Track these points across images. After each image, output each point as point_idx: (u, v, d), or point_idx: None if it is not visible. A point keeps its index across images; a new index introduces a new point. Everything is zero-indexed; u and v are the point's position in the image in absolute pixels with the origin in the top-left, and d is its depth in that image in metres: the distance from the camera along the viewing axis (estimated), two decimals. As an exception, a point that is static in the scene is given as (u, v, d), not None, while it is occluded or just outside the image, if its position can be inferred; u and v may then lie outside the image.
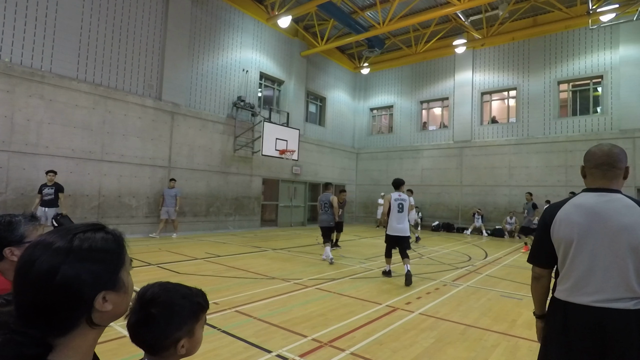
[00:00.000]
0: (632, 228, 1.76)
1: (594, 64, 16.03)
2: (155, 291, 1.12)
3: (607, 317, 1.75)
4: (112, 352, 3.56)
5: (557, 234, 1.91)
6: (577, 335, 1.81)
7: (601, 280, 1.79)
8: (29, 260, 0.79)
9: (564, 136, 16.40)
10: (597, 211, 1.85)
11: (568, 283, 1.88)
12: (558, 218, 1.93)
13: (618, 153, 1.93)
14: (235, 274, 7.39)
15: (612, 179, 1.92)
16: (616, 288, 1.77)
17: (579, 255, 1.85)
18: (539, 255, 2.04)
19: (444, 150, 19.84)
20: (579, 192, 2.02)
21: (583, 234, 1.84)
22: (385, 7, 16.93)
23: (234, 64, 16.02)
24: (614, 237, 1.78)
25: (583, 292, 1.82)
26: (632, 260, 1.76)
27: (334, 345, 4.01)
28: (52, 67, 10.62)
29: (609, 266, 1.79)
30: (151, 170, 12.84)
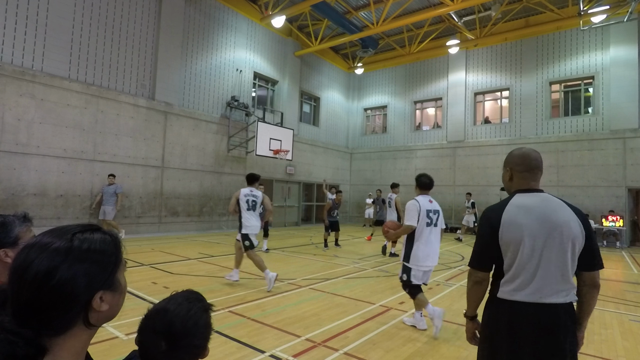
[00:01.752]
0: (568, 224, 1.90)
1: (585, 65, 16.18)
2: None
3: (548, 310, 1.87)
4: (104, 352, 3.53)
5: (506, 236, 1.94)
6: (524, 331, 1.88)
7: (545, 277, 1.89)
8: (25, 261, 0.79)
9: (555, 136, 16.54)
10: (538, 211, 1.94)
11: (515, 283, 1.93)
12: (504, 221, 1.95)
13: (540, 157, 2.11)
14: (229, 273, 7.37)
15: (539, 180, 2.08)
16: (556, 282, 1.89)
17: (527, 255, 1.91)
18: (484, 260, 2.03)
19: (437, 150, 19.92)
20: (513, 193, 2.09)
21: (529, 234, 1.90)
22: (378, 8, 16.97)
23: (227, 64, 15.97)
24: (555, 234, 1.89)
25: (529, 290, 1.89)
26: (570, 255, 1.90)
27: (328, 345, 4.01)
28: (43, 67, 10.52)
29: (552, 263, 1.89)
30: (144, 170, 12.76)
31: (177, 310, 1.06)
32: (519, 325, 1.89)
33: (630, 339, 4.58)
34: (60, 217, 10.58)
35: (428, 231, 4.55)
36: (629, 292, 7.12)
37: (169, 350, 1.02)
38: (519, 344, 1.89)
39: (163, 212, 13.33)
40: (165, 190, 13.39)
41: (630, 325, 5.09)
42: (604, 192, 15.24)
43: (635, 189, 15.17)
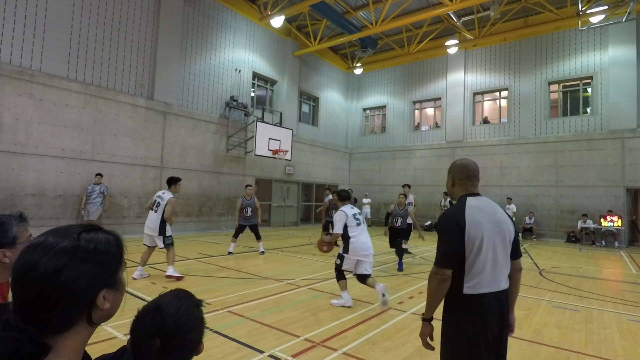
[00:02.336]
0: (506, 221, 2.26)
1: (583, 65, 16.20)
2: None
3: (502, 296, 2.17)
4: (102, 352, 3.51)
5: (472, 233, 2.12)
6: (489, 315, 2.10)
7: (497, 267, 2.16)
8: (31, 260, 0.80)
9: (554, 136, 16.56)
10: (487, 211, 2.23)
11: (479, 277, 2.11)
12: (468, 220, 2.14)
13: (477, 167, 2.42)
14: (227, 274, 7.37)
15: (477, 186, 2.38)
16: (504, 271, 2.21)
17: (485, 249, 2.12)
18: (453, 258, 2.13)
19: (436, 150, 19.94)
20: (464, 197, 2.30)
21: (486, 231, 2.14)
22: (378, 8, 16.98)
23: (226, 64, 15.96)
24: (500, 231, 2.20)
25: (489, 281, 2.12)
26: (508, 246, 2.24)
27: (327, 345, 4.01)
28: (41, 66, 10.50)
29: (500, 254, 2.18)
30: (143, 170, 12.75)
31: (168, 307, 1.05)
32: (486, 312, 2.09)
33: (629, 338, 4.59)
34: (59, 217, 10.56)
35: (359, 230, 5.64)
36: (627, 292, 7.13)
37: (164, 348, 1.01)
38: (488, 327, 2.09)
39: (162, 212, 13.29)
40: (164, 190, 13.35)
41: (629, 325, 5.10)
42: (602, 192, 15.27)
43: (634, 189, 15.19)
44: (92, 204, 10.66)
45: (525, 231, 16.58)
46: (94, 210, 10.68)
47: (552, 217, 16.36)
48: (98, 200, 10.73)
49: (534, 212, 16.54)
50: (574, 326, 4.96)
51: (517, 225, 16.69)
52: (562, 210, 16.13)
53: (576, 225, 15.46)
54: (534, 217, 16.41)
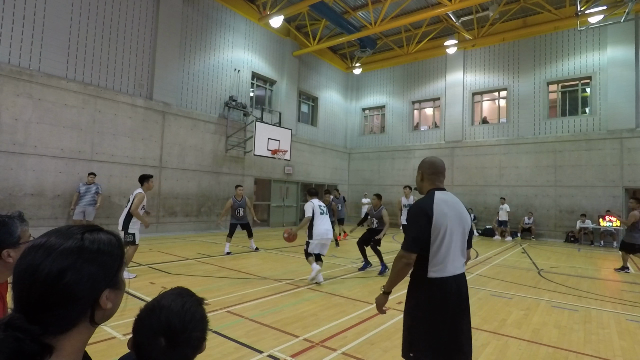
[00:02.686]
0: (466, 214, 2.58)
1: (582, 65, 16.23)
2: None
3: (460, 280, 2.46)
4: (102, 352, 3.53)
5: (438, 223, 2.38)
6: (449, 297, 2.37)
7: (456, 254, 2.44)
8: (34, 262, 0.81)
9: (553, 136, 16.58)
10: (451, 204, 2.51)
11: (442, 263, 2.39)
12: (436, 211, 2.41)
13: (444, 164, 2.75)
14: (226, 274, 7.37)
15: (443, 181, 2.67)
16: (462, 259, 2.49)
17: (448, 238, 2.40)
18: (419, 244, 2.39)
19: (435, 150, 19.94)
20: (432, 191, 2.56)
21: (449, 221, 2.41)
22: (377, 8, 16.98)
23: (225, 64, 15.95)
24: (461, 221, 2.49)
25: (450, 266, 2.40)
26: (466, 236, 2.54)
27: (326, 345, 4.01)
28: (40, 66, 10.48)
29: (459, 243, 2.46)
30: (141, 170, 12.71)
31: (172, 306, 1.05)
32: (447, 295, 2.37)
33: (627, 338, 4.59)
34: (58, 217, 10.55)
35: (321, 218, 6.96)
36: (626, 292, 7.14)
37: (169, 347, 1.01)
38: (449, 308, 2.36)
39: (161, 212, 13.31)
40: (163, 190, 13.36)
41: (628, 325, 5.11)
42: (601, 192, 15.29)
43: (632, 189, 15.20)
44: (87, 204, 10.44)
45: (524, 231, 16.60)
46: (91, 211, 10.54)
47: (550, 217, 16.38)
48: (93, 200, 10.54)
49: (532, 212, 16.56)
50: (572, 326, 4.97)
51: (516, 225, 16.75)
52: (560, 210, 16.16)
53: (575, 225, 15.48)
54: (532, 217, 16.43)
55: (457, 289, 2.42)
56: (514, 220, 17.00)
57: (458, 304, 2.41)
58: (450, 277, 2.40)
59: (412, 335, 2.42)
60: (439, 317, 2.35)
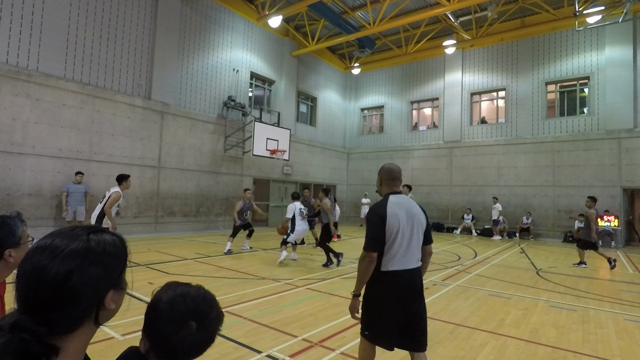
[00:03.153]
0: (419, 215, 2.86)
1: (580, 65, 16.26)
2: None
3: (414, 273, 2.80)
4: (100, 353, 3.52)
5: (391, 224, 2.72)
6: (401, 288, 2.74)
7: (410, 251, 2.77)
8: (40, 264, 0.81)
9: (551, 137, 16.61)
10: (404, 206, 2.82)
11: (395, 258, 2.73)
12: (389, 213, 2.75)
13: (400, 170, 3.06)
14: (225, 274, 7.37)
15: (399, 186, 3.02)
16: (416, 254, 2.82)
17: (400, 236, 2.73)
18: (378, 243, 2.73)
19: (434, 150, 19.97)
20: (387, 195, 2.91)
21: (402, 222, 2.74)
22: (375, 8, 16.99)
23: (224, 64, 15.94)
24: (414, 222, 2.80)
25: (402, 262, 2.74)
26: (420, 235, 2.84)
27: (324, 345, 4.02)
28: (38, 66, 10.46)
29: (413, 241, 2.79)
30: (140, 170, 12.72)
31: (191, 292, 1.10)
32: (400, 286, 2.74)
33: (625, 338, 4.60)
34: (56, 217, 10.52)
35: (299, 220, 8.59)
36: (624, 292, 7.16)
37: (200, 328, 1.04)
38: (400, 297, 2.73)
39: (160, 212, 13.29)
40: (161, 190, 13.35)
41: (626, 325, 5.12)
42: (599, 192, 15.31)
43: (630, 189, 15.25)
44: (78, 204, 10.31)
45: (523, 231, 16.63)
46: (82, 211, 10.41)
47: (549, 217, 16.40)
48: (82, 200, 10.42)
49: (531, 212, 16.58)
50: (571, 326, 4.98)
51: (514, 225, 16.78)
52: (559, 210, 16.18)
53: (573, 225, 15.50)
54: (531, 217, 16.45)
55: (410, 281, 2.77)
56: (512, 220, 17.04)
57: (410, 294, 2.76)
58: (403, 270, 2.75)
59: (369, 317, 2.81)
60: (391, 305, 2.74)
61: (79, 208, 10.38)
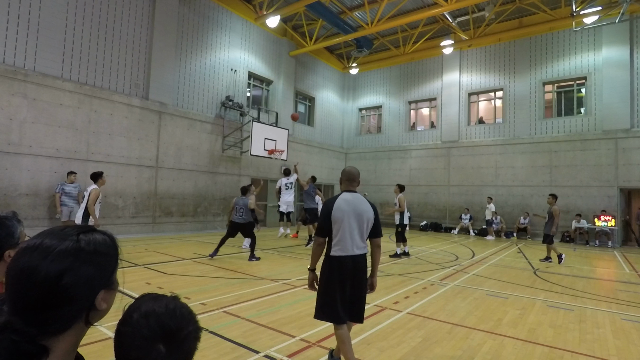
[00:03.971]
0: (367, 210, 3.38)
1: (577, 66, 16.31)
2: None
3: (358, 259, 3.35)
4: (96, 354, 3.51)
5: (335, 216, 3.30)
6: (345, 270, 3.29)
7: (354, 240, 3.31)
8: (30, 264, 0.80)
9: (548, 137, 16.65)
10: (352, 203, 3.36)
11: (339, 245, 3.30)
12: (335, 207, 3.32)
13: (358, 173, 3.61)
14: (223, 274, 7.35)
15: (355, 186, 3.54)
16: (361, 244, 3.35)
17: (344, 227, 3.28)
18: (324, 230, 3.35)
19: (432, 150, 19.99)
20: (341, 192, 3.49)
21: (346, 215, 3.29)
22: (373, 8, 17.00)
23: (222, 64, 15.92)
24: (360, 216, 3.33)
25: (347, 248, 3.29)
26: (365, 228, 3.35)
27: (322, 345, 4.01)
28: (35, 66, 10.43)
29: (357, 232, 3.32)
30: (138, 170, 12.70)
31: (156, 309, 0.96)
32: (344, 268, 3.30)
33: (622, 337, 4.62)
34: (53, 217, 10.48)
35: (285, 191, 11.03)
36: (621, 292, 7.18)
37: (170, 350, 0.93)
38: (344, 278, 3.29)
39: (157, 212, 13.27)
40: (159, 190, 13.32)
41: (622, 324, 5.13)
42: (596, 192, 15.37)
43: (627, 189, 15.31)
44: (73, 203, 10.23)
45: (520, 231, 16.67)
46: (77, 211, 10.24)
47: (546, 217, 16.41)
48: (76, 199, 10.31)
49: (528, 212, 16.62)
50: (568, 325, 4.99)
51: (512, 225, 16.81)
52: (556, 210, 16.20)
53: (570, 225, 15.56)
54: (528, 217, 16.49)
55: (353, 265, 3.31)
56: (510, 220, 17.07)
57: (352, 276, 3.31)
58: (347, 256, 3.30)
59: (320, 298, 3.38)
60: (334, 284, 3.29)
61: (74, 208, 10.24)
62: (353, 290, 3.31)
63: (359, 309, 3.36)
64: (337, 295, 3.27)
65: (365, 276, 3.40)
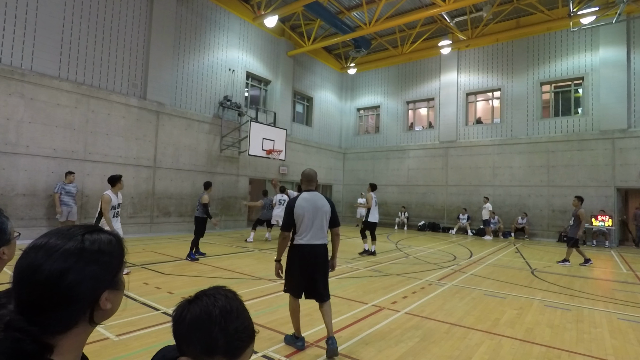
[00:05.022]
0: (324, 205, 4.01)
1: (574, 66, 16.35)
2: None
3: (317, 248, 3.98)
4: (95, 353, 3.50)
5: (297, 213, 3.93)
6: (307, 257, 3.95)
7: (315, 232, 3.95)
8: (35, 263, 0.81)
9: (546, 137, 16.69)
10: (311, 200, 3.97)
11: (302, 236, 3.95)
12: (297, 205, 3.94)
13: (315, 174, 4.23)
14: (221, 274, 7.35)
15: (313, 185, 4.15)
16: (320, 235, 3.98)
17: (305, 221, 3.92)
18: (289, 225, 3.98)
19: (430, 150, 20.02)
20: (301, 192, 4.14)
21: (306, 212, 3.92)
22: (371, 8, 17.02)
23: (220, 64, 15.90)
24: (319, 211, 3.96)
25: (307, 239, 3.94)
26: (325, 221, 4.00)
27: (320, 345, 4.02)
28: (32, 66, 10.39)
29: (317, 224, 3.95)
30: (135, 170, 12.67)
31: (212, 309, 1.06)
32: (305, 256, 3.96)
33: (619, 337, 4.64)
34: (50, 217, 10.45)
35: (279, 207, 11.87)
36: (617, 291, 7.21)
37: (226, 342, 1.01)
38: (305, 264, 3.96)
39: (155, 212, 13.24)
40: (157, 190, 13.30)
41: (619, 324, 5.16)
42: (593, 192, 15.42)
43: (624, 189, 15.36)
44: (72, 204, 10.26)
45: (518, 231, 16.70)
46: (75, 211, 10.38)
47: (544, 216, 16.49)
48: (74, 200, 10.35)
49: (526, 212, 16.66)
50: (565, 325, 5.01)
51: (510, 225, 16.83)
52: (553, 210, 16.28)
53: (567, 225, 15.59)
54: (526, 217, 16.53)
55: (312, 252, 3.94)
56: (507, 220, 17.11)
57: (311, 262, 3.94)
58: (307, 245, 3.93)
59: (286, 276, 4.09)
60: (297, 268, 3.98)
61: (73, 208, 10.34)
62: (313, 274, 3.95)
63: (319, 289, 3.97)
64: (297, 275, 3.97)
65: (324, 262, 4.03)
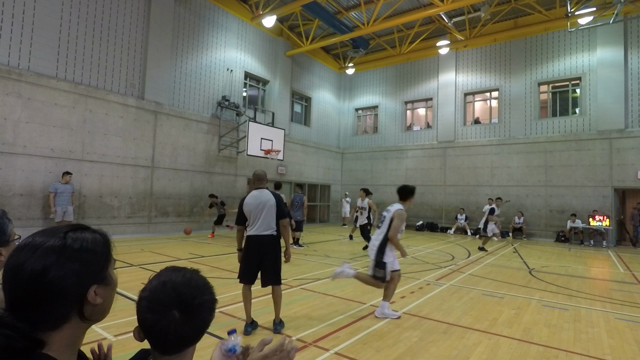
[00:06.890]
0: (269, 200, 4.50)
1: (572, 66, 16.39)
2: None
3: (263, 238, 4.48)
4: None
5: (245, 209, 4.51)
6: (254, 247, 4.49)
7: (262, 224, 4.46)
8: (19, 261, 0.84)
9: (544, 137, 16.73)
10: (257, 197, 4.51)
11: (252, 227, 4.48)
12: (245, 202, 4.53)
13: (265, 174, 4.73)
14: (219, 274, 7.34)
15: (264, 184, 4.67)
16: (267, 227, 4.49)
17: (253, 216, 4.47)
18: (240, 220, 4.60)
19: (428, 150, 20.04)
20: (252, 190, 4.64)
21: (253, 207, 4.47)
22: (369, 8, 17.02)
23: (218, 63, 15.89)
24: (265, 206, 4.47)
25: (256, 230, 4.46)
26: (271, 214, 4.48)
27: (318, 345, 4.02)
28: (30, 65, 10.36)
29: (263, 217, 4.46)
30: (133, 170, 12.65)
31: (174, 278, 1.05)
32: (252, 245, 4.50)
33: (616, 337, 4.65)
34: (47, 217, 10.43)
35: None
36: (615, 291, 7.23)
37: (184, 317, 1.00)
38: (254, 252, 4.49)
39: (153, 212, 13.22)
40: (155, 191, 13.28)
41: (617, 324, 5.17)
42: (591, 192, 15.46)
43: (622, 188, 15.41)
44: (67, 203, 10.22)
45: (515, 231, 16.74)
46: (71, 211, 10.33)
47: (541, 216, 16.53)
48: (70, 200, 10.34)
49: (523, 212, 16.70)
50: (562, 325, 5.02)
51: (507, 224, 16.85)
52: (551, 210, 16.31)
53: (565, 224, 15.64)
54: (523, 217, 16.57)
55: (258, 242, 4.47)
56: (505, 220, 17.14)
57: (257, 250, 4.47)
58: (255, 235, 4.47)
59: (240, 265, 4.60)
60: (247, 256, 4.54)
61: (69, 208, 10.26)
62: (262, 262, 4.49)
63: (268, 275, 4.52)
64: (246, 263, 4.51)
65: (272, 251, 4.51)
